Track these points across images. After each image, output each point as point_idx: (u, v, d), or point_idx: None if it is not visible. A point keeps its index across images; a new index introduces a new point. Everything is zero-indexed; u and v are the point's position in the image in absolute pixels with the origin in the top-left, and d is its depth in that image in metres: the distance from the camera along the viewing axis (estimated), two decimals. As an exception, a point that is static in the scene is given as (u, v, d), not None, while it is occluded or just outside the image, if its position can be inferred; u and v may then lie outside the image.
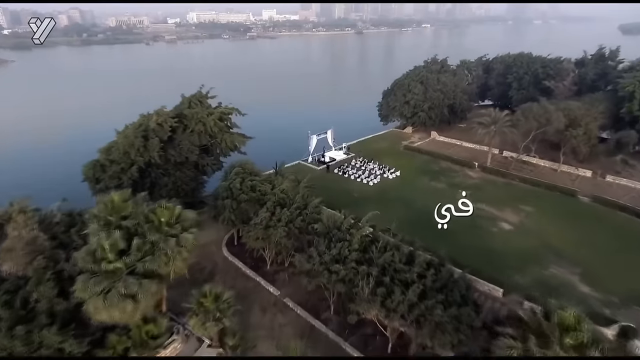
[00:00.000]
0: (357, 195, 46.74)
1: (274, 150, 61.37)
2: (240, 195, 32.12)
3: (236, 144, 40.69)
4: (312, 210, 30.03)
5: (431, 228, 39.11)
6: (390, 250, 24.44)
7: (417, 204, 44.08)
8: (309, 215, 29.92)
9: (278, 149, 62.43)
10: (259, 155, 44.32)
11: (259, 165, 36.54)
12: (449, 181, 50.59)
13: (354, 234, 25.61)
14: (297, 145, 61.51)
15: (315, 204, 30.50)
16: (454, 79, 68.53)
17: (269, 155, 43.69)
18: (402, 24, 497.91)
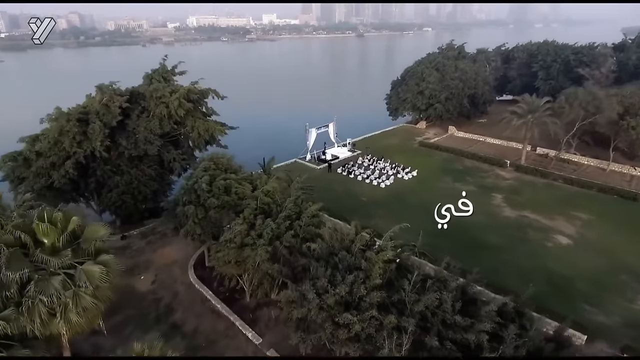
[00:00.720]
0: (367, 199, 37.57)
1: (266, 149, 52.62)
2: (208, 200, 22.94)
3: (213, 133, 31.55)
4: (308, 221, 20.80)
5: (468, 244, 30.07)
6: (432, 286, 15.12)
7: (443, 210, 34.76)
8: (304, 228, 20.72)
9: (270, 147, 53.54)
10: (247, 155, 35.24)
11: (248, 168, 27.60)
12: (478, 182, 41.37)
13: (372, 259, 16.33)
14: (292, 142, 52.48)
15: (313, 211, 21.24)
16: (474, 66, 59.57)
17: (260, 156, 34.85)
18: (403, 27, 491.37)
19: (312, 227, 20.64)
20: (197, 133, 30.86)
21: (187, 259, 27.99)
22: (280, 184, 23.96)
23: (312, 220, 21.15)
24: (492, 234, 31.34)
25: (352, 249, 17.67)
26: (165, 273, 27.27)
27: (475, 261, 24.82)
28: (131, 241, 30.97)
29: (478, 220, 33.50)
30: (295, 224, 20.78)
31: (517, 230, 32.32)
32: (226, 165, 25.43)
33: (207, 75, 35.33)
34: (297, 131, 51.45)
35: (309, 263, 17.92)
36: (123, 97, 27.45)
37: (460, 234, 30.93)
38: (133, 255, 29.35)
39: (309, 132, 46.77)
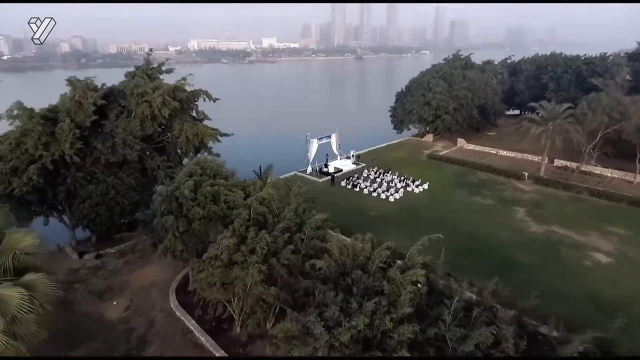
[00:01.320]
0: (375, 214, 33.76)
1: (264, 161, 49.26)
2: (192, 210, 19.16)
3: (203, 139, 28.06)
4: (311, 234, 16.97)
5: (496, 263, 26.10)
6: (481, 316, 11.17)
7: (462, 226, 30.95)
8: (307, 242, 16.87)
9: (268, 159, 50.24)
10: (244, 166, 31.67)
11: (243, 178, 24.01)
12: (497, 195, 37.64)
13: (396, 280, 12.43)
14: (293, 154, 49.07)
15: (318, 221, 17.46)
16: (483, 76, 56.91)
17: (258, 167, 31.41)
18: (401, 50, 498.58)
19: (317, 241, 16.76)
20: (185, 138, 27.34)
21: (169, 281, 23.93)
22: (277, 192, 20.14)
23: (317, 232, 17.31)
24: (521, 252, 27.39)
25: (369, 268, 13.79)
26: (142, 297, 23.17)
27: (507, 283, 21.33)
28: (107, 260, 26.98)
29: (503, 236, 29.79)
30: (295, 238, 16.94)
31: (547, 247, 28.40)
32: (215, 171, 21.77)
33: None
34: (298, 143, 48.14)
35: (313, 286, 14.01)
36: (98, 93, 24.07)
37: (486, 252, 27.09)
38: (107, 277, 25.32)
39: (310, 142, 43.41)
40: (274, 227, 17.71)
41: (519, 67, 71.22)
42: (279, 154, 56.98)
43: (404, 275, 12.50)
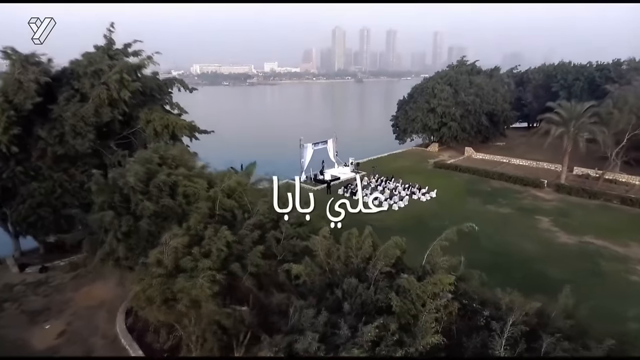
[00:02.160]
0: (377, 224, 28.98)
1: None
2: (141, 204, 14.79)
3: (174, 131, 23.94)
4: (290, 231, 12.49)
5: (526, 279, 21.44)
6: (554, 349, 6.57)
7: (479, 237, 26.31)
8: (285, 242, 12.38)
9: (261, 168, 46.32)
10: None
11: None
12: (515, 204, 33.14)
13: (411, 292, 7.88)
14: (288, 162, 44.90)
15: (301, 216, 13.00)
16: (491, 81, 53.43)
17: None
18: (401, 74, 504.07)
19: (298, 240, 12.27)
20: (153, 130, 23.21)
21: (117, 299, 19.18)
22: (248, 181, 15.80)
23: (298, 230, 12.82)
24: (553, 266, 22.67)
25: (369, 274, 9.28)
26: (84, 320, 18.39)
27: (545, 303, 16.98)
28: (53, 274, 22.30)
29: (528, 248, 25.12)
30: (269, 237, 12.47)
31: (583, 260, 23.69)
32: (178, 161, 17.49)
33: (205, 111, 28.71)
34: (293, 151, 44.01)
35: (287, 301, 9.44)
36: (40, 68, 20.15)
37: (512, 266, 22.39)
38: (48, 294, 20.59)
39: (304, 148, 39.32)
40: (242, 224, 13.28)
41: (526, 77, 68.11)
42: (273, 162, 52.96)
43: (424, 284, 7.97)
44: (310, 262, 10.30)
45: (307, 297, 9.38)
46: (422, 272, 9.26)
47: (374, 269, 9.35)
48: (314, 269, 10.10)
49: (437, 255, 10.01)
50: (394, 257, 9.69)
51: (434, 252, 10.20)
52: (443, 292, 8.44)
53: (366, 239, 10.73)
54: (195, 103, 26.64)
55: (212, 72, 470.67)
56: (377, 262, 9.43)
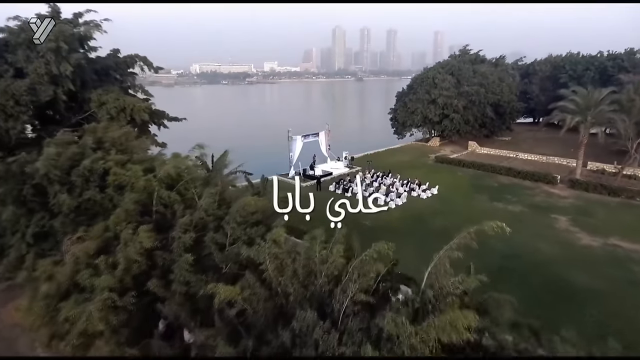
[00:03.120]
0: (371, 223, 25.55)
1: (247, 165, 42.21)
2: (57, 196, 11.34)
3: (132, 115, 20.46)
4: (238, 233, 8.96)
5: (547, 288, 17.94)
6: None
7: (488, 238, 22.84)
8: (229, 251, 8.87)
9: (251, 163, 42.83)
10: None
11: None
12: (526, 201, 29.62)
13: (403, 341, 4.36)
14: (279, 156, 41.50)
15: (249, 202, 9.49)
16: (496, 70, 49.86)
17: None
18: (401, 73, 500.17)
19: (245, 247, 8.77)
20: (106, 113, 19.76)
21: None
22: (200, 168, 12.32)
23: (249, 232, 9.33)
24: (577, 272, 19.17)
25: (336, 304, 5.77)
26: (5, 343, 14.90)
27: (570, 319, 14.02)
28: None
29: (546, 250, 21.56)
30: (208, 240, 8.97)
31: (613, 266, 20.18)
32: (120, 145, 14.03)
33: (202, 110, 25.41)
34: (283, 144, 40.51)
35: (212, 342, 5.92)
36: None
37: (531, 272, 18.87)
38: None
39: (293, 140, 35.82)
40: (179, 221, 9.78)
41: (532, 69, 64.48)
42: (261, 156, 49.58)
43: (424, 328, 4.51)
44: (253, 280, 6.91)
45: (241, 336, 6.01)
46: (420, 302, 5.83)
47: (343, 295, 5.97)
48: (257, 291, 6.73)
49: (444, 273, 6.53)
50: (376, 275, 6.22)
51: (440, 269, 6.71)
52: (457, 338, 5.02)
53: (336, 247, 7.21)
54: (189, 101, 23.62)
55: (211, 71, 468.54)
56: (349, 284, 6.00)
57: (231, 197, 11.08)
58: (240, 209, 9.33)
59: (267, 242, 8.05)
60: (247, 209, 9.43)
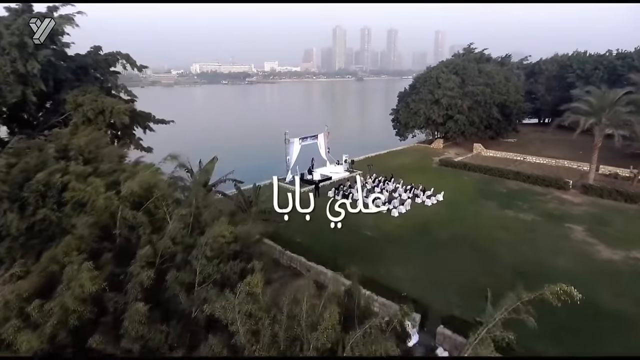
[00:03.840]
0: (372, 233, 23.80)
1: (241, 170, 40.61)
2: (5, 216, 9.58)
3: (113, 118, 18.72)
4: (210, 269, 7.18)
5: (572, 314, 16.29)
6: None
7: (499, 251, 21.09)
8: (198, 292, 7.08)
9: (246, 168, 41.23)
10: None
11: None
12: (538, 209, 27.81)
13: None
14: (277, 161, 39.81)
15: (228, 234, 7.71)
16: (502, 69, 48.08)
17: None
18: (402, 73, 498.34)
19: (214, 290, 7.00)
20: (83, 116, 18.04)
21: None
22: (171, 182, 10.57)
23: (227, 267, 7.55)
24: (602, 291, 17.33)
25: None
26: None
27: (598, 347, 12.43)
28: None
29: (566, 266, 19.73)
30: (171, 280, 7.20)
31: (638, 282, 18.39)
32: (88, 153, 12.32)
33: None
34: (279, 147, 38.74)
35: None
36: None
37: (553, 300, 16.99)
38: None
39: (290, 143, 34.05)
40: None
41: (538, 68, 62.75)
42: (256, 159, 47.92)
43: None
44: (218, 347, 5.16)
45: None
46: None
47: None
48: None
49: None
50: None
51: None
52: None
53: (329, 307, 5.44)
54: (187, 101, 22.11)
55: (211, 71, 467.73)
56: None
57: (210, 217, 9.32)
58: (211, 240, 7.59)
59: (239, 292, 6.27)
60: (219, 241, 7.69)
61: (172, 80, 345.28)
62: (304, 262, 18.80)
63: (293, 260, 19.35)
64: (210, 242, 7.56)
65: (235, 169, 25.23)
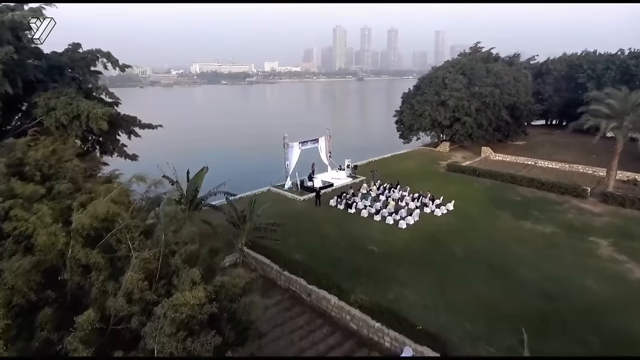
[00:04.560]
0: (379, 249, 21.72)
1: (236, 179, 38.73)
2: None
3: (89, 123, 16.67)
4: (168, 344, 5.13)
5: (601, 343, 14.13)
6: None
7: (520, 270, 19.05)
8: None
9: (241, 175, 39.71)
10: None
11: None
12: (556, 219, 25.76)
13: None
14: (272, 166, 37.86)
15: (197, 295, 5.69)
16: (511, 69, 46.06)
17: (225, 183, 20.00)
18: (403, 73, 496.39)
19: None
20: (55, 121, 16.03)
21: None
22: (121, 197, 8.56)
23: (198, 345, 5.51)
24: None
25: None
26: None
27: None
28: None
29: (597, 288, 17.64)
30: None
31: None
32: (50, 169, 10.31)
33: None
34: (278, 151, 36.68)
35: None
36: None
37: (582, 323, 14.99)
38: None
39: (290, 147, 32.01)
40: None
41: (546, 68, 60.65)
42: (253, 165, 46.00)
43: None
44: None
45: None
46: None
47: None
48: None
49: None
50: None
51: None
52: None
53: None
54: (184, 101, 20.40)
55: (211, 71, 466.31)
56: None
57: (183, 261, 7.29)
58: (171, 310, 5.55)
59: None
60: (182, 311, 5.64)
61: (171, 81, 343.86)
62: (303, 285, 16.78)
63: (292, 283, 17.33)
64: (172, 314, 5.54)
65: (230, 176, 23.27)
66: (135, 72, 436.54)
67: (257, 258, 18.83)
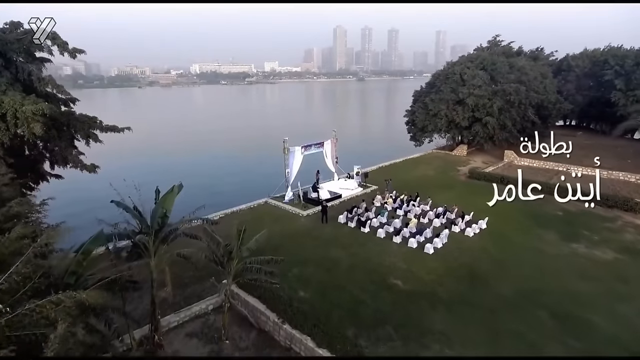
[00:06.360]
0: (404, 284, 17.11)
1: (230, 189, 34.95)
2: None
3: (18, 124, 12.19)
4: None
5: None
6: None
7: (589, 316, 14.54)
8: None
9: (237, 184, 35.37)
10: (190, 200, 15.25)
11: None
12: (613, 242, 21.34)
13: None
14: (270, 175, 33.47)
15: None
16: (537, 64, 41.60)
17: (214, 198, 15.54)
18: (404, 73, 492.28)
19: None
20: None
21: None
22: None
23: None
24: None
25: None
26: None
27: None
28: None
29: None
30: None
31: None
32: None
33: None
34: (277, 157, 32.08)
35: None
36: None
37: None
38: None
39: (291, 153, 27.49)
40: None
41: (566, 65, 56.19)
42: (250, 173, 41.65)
43: None
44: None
45: None
46: None
47: None
48: None
49: None
50: None
51: None
52: None
53: None
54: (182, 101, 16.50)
55: (211, 71, 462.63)
56: None
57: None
58: None
59: None
60: None
61: (170, 81, 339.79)
62: (310, 347, 12.24)
63: (295, 341, 12.81)
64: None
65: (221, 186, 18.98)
66: (134, 72, 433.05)
67: (249, 302, 14.35)
